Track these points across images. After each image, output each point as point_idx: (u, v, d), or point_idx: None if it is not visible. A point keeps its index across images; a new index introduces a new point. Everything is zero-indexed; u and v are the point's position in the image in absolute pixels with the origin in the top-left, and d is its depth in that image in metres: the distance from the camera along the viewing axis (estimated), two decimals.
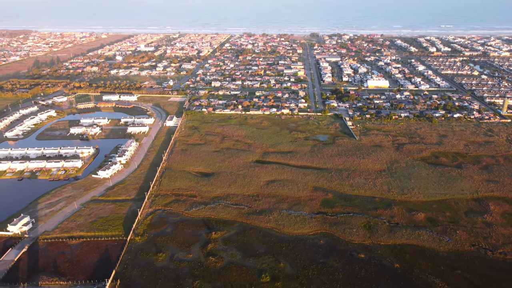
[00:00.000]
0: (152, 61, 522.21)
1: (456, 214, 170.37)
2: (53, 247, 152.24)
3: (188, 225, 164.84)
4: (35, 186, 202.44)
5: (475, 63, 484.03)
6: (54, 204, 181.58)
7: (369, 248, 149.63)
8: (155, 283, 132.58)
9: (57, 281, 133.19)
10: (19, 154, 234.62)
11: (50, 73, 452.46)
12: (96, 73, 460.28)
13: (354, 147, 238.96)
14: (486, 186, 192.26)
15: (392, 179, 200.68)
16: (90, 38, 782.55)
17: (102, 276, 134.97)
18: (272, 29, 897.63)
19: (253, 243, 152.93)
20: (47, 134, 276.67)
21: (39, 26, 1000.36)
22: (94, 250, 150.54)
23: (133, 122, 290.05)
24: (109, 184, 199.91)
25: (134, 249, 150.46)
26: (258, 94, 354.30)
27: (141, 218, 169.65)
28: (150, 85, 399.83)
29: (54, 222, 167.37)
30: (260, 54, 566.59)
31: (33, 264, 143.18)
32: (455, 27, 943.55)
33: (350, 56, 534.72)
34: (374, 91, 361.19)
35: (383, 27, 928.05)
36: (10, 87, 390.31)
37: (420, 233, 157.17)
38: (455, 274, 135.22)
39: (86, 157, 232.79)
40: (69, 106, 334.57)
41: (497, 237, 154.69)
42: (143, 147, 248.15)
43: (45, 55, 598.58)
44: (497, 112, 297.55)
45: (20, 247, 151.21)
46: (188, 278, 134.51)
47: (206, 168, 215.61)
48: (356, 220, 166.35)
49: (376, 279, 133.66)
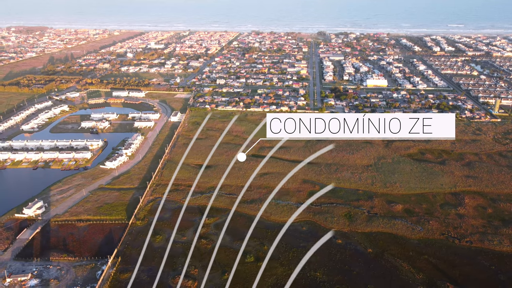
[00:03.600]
0: (161, 59, 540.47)
1: (432, 206, 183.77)
2: (63, 229, 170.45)
3: (184, 212, 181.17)
4: (48, 174, 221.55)
5: (476, 63, 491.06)
6: (65, 191, 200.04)
7: (347, 235, 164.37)
8: (151, 260, 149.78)
9: (66, 257, 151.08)
10: (34, 146, 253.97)
11: (64, 70, 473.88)
12: (107, 69, 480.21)
13: (346, 143, 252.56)
14: (464, 181, 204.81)
15: (377, 173, 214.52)
16: (103, 35, 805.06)
17: (106, 253, 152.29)
18: (281, 27, 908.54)
19: (241, 228, 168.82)
20: (60, 128, 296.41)
21: (55, 23, 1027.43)
22: (99, 232, 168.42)
23: (140, 117, 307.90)
24: (115, 174, 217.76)
25: (135, 231, 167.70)
26: (259, 92, 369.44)
27: (143, 204, 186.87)
28: (158, 82, 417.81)
29: (65, 206, 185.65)
30: (266, 52, 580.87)
31: (45, 243, 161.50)
32: (466, 26, 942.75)
33: (354, 55, 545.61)
34: (372, 90, 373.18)
35: (391, 26, 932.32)
36: (27, 82, 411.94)
37: (395, 222, 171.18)
38: (422, 259, 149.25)
39: (95, 149, 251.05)
40: (81, 101, 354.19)
41: (466, 227, 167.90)
42: (148, 140, 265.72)
43: (60, 52, 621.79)
44: (489, 112, 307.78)
45: (34, 227, 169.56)
46: (180, 257, 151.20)
47: (205, 161, 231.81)
48: (338, 210, 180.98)
49: (349, 262, 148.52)
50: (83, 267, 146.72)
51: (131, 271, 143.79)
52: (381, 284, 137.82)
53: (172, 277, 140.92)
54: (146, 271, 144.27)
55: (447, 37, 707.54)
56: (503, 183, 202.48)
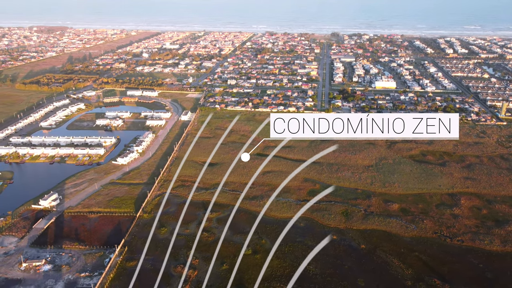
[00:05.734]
0: (176, 59, 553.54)
1: (428, 206, 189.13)
2: (76, 219, 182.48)
3: (189, 206, 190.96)
4: (64, 169, 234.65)
5: (489, 66, 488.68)
6: (78, 184, 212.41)
7: (342, 232, 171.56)
8: (155, 250, 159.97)
9: (77, 245, 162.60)
10: (52, 142, 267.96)
11: (82, 69, 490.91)
12: (123, 69, 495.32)
13: (349, 144, 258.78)
14: (463, 182, 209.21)
15: (377, 173, 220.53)
16: (120, 35, 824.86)
17: (113, 243, 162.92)
18: (296, 28, 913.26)
19: (242, 223, 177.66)
20: (76, 125, 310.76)
21: (75, 23, 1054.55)
22: (109, 223, 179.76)
23: (151, 116, 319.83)
24: (126, 170, 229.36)
25: (142, 223, 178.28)
26: (269, 93, 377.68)
27: (150, 199, 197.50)
28: (171, 81, 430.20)
29: (78, 199, 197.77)
30: (279, 53, 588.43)
31: (59, 232, 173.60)
32: (483, 28, 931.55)
33: (366, 57, 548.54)
34: (380, 92, 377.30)
35: (407, 27, 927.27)
36: (46, 81, 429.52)
37: (390, 220, 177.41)
38: (412, 255, 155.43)
39: (108, 146, 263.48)
40: (97, 100, 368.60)
41: (460, 227, 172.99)
42: (159, 138, 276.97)
43: (79, 51, 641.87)
44: (495, 114, 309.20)
45: (49, 218, 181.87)
46: (183, 249, 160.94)
47: (211, 158, 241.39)
48: (336, 208, 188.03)
49: (342, 256, 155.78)
50: (92, 255, 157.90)
51: (137, 260, 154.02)
52: (371, 278, 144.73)
53: (174, 266, 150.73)
54: (150, 260, 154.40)
55: (462, 39, 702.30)
56: (501, 185, 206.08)
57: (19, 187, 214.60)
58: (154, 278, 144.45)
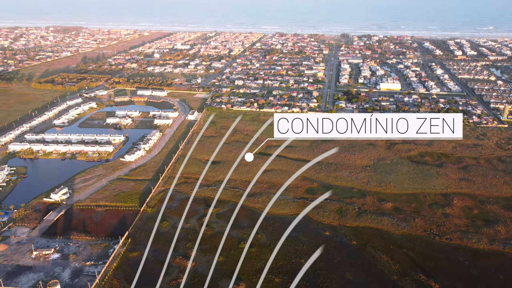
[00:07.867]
0: (186, 59, 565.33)
1: (420, 206, 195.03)
2: (84, 212, 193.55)
3: (191, 202, 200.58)
4: (74, 165, 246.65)
5: (497, 68, 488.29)
6: (87, 180, 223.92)
7: (335, 228, 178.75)
8: (157, 243, 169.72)
9: (84, 236, 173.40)
10: (64, 139, 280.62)
11: (95, 69, 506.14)
12: (134, 69, 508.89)
13: (349, 144, 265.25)
14: (457, 183, 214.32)
15: (374, 173, 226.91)
16: (133, 36, 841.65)
17: (118, 235, 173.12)
18: (306, 29, 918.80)
19: (240, 218, 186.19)
20: (87, 123, 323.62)
21: (90, 23, 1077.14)
22: (114, 216, 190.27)
23: (159, 115, 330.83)
24: (133, 167, 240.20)
25: (145, 217, 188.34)
26: (274, 93, 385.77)
27: (154, 194, 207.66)
28: (180, 82, 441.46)
29: (86, 193, 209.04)
30: (287, 54, 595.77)
31: (67, 224, 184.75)
32: (496, 29, 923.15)
33: (373, 58, 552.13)
34: (385, 94, 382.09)
35: (418, 28, 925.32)
36: (60, 80, 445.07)
37: (382, 218, 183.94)
38: (400, 252, 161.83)
39: (117, 143, 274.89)
40: (108, 99, 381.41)
41: (450, 226, 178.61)
42: (165, 137, 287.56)
43: (93, 51, 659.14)
44: (498, 117, 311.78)
45: (59, 210, 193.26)
46: (183, 241, 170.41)
47: (215, 157, 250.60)
48: (331, 206, 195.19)
49: (333, 251, 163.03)
50: (98, 245, 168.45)
51: (139, 251, 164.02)
52: (359, 272, 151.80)
53: (173, 258, 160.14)
54: (151, 252, 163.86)
55: (472, 40, 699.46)
56: (495, 186, 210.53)
57: (32, 181, 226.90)
58: (155, 268, 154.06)
